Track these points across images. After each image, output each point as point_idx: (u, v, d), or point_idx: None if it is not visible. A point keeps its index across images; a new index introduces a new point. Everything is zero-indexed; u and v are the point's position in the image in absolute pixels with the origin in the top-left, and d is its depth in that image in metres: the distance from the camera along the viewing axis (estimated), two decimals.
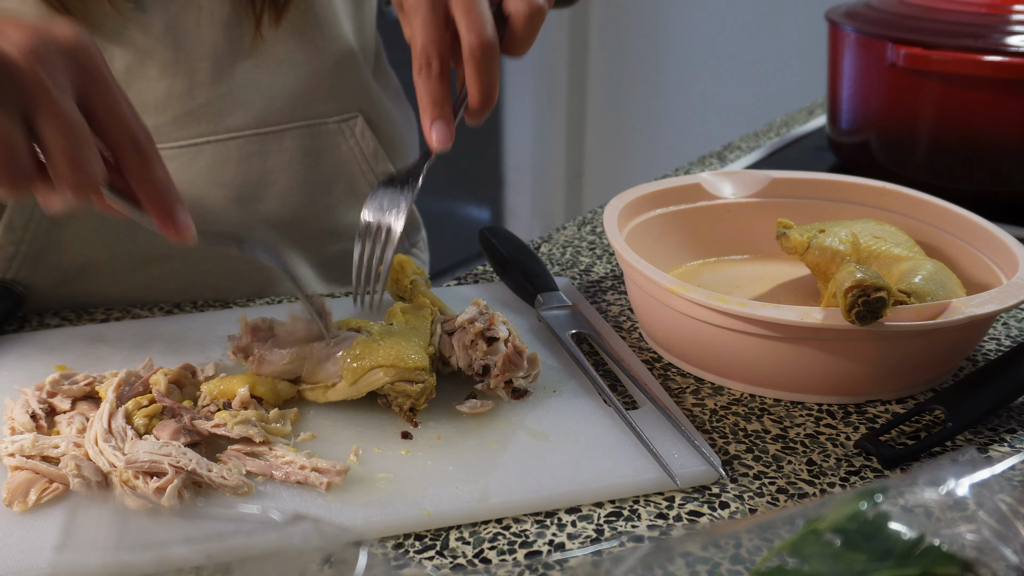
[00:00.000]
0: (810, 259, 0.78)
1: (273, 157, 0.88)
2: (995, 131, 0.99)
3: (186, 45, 0.81)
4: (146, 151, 0.57)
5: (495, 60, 0.65)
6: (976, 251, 0.78)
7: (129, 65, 0.80)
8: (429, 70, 0.64)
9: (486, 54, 0.64)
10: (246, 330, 0.70)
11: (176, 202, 0.59)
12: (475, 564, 0.55)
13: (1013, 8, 0.99)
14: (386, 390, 0.65)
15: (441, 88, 0.65)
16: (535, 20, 0.66)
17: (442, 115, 0.65)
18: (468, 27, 0.64)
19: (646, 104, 2.93)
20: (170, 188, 0.58)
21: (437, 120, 0.65)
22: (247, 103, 0.85)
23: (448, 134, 0.65)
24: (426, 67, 0.64)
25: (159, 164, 0.58)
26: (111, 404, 0.62)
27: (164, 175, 0.58)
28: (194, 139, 0.84)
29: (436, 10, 0.65)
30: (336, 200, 0.93)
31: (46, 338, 0.77)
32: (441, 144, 0.65)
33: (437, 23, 0.64)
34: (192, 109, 0.83)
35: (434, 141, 0.65)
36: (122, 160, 0.57)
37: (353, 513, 0.57)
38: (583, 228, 1.03)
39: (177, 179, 0.81)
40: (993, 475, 0.47)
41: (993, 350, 0.78)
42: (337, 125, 0.91)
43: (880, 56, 1.03)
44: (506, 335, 0.69)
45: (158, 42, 0.80)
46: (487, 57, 0.64)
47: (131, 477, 0.58)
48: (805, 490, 0.61)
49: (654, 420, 0.66)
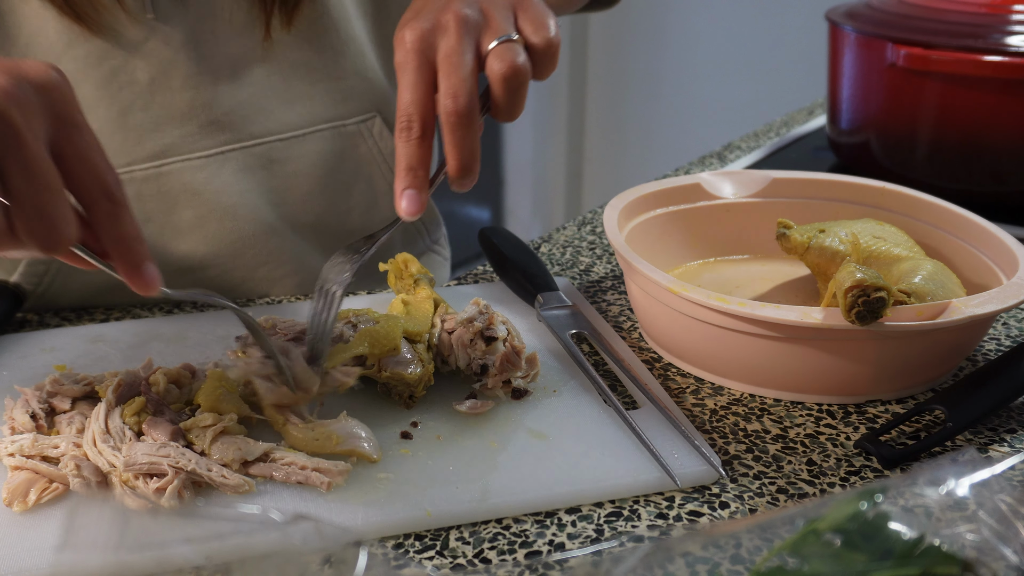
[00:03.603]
0: (810, 259, 0.78)
1: (295, 161, 0.88)
2: (995, 131, 0.99)
3: (207, 54, 0.81)
4: (118, 201, 0.52)
5: (471, 128, 0.61)
6: (976, 251, 0.78)
7: (153, 77, 0.80)
8: (408, 133, 0.62)
9: (461, 121, 0.61)
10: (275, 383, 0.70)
11: (144, 255, 0.54)
12: (475, 564, 0.55)
13: (1013, 8, 0.99)
14: (383, 378, 0.65)
15: (418, 153, 0.62)
16: (512, 83, 0.62)
17: (414, 184, 0.62)
18: (445, 91, 0.61)
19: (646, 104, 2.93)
20: (139, 239, 0.54)
21: (408, 189, 0.62)
22: (268, 109, 0.86)
23: (418, 204, 0.62)
24: (406, 130, 0.62)
25: (129, 215, 0.53)
26: (107, 404, 0.62)
27: (133, 226, 0.53)
28: (220, 147, 0.84)
29: (422, 69, 0.62)
30: (356, 202, 0.93)
31: (46, 338, 0.77)
32: (409, 214, 0.62)
33: (422, 83, 0.62)
34: (216, 117, 0.83)
35: (402, 210, 0.62)
36: (93, 210, 0.52)
37: (353, 513, 0.57)
38: (583, 228, 1.03)
39: (206, 189, 0.84)
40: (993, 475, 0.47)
41: (993, 350, 0.78)
42: (356, 127, 0.91)
43: (880, 56, 1.03)
44: (505, 335, 0.69)
45: (179, 53, 0.80)
46: (462, 124, 0.61)
47: (131, 478, 0.58)
48: (805, 490, 0.61)
49: (654, 420, 0.66)
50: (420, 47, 0.62)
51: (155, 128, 0.82)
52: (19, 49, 0.77)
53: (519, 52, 0.63)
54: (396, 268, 0.79)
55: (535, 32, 0.64)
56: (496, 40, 0.63)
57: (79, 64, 0.78)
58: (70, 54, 0.78)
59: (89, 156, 0.52)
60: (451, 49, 0.62)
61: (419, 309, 0.72)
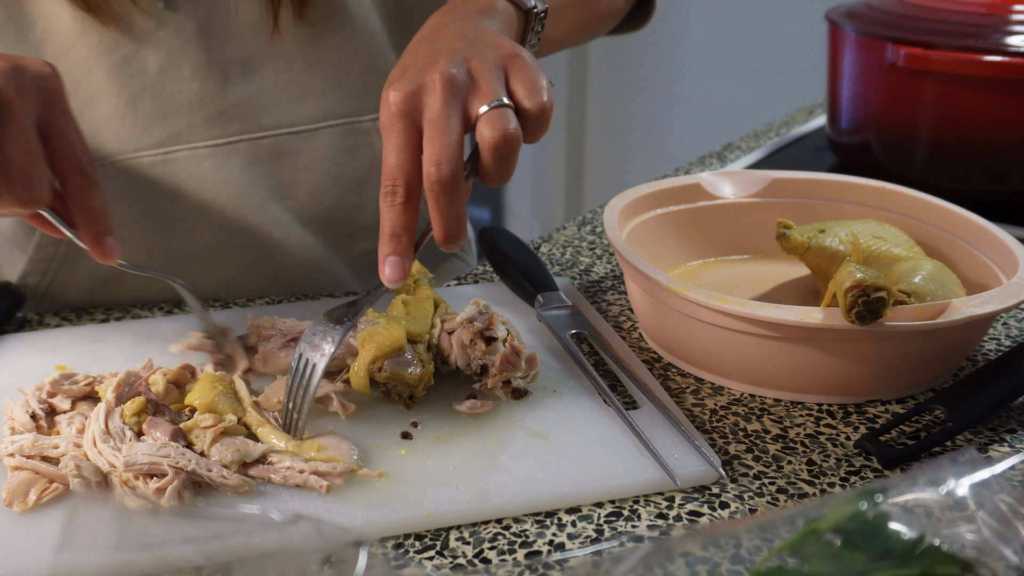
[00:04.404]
0: (810, 259, 0.78)
1: (305, 155, 0.88)
2: (995, 131, 0.99)
3: (217, 45, 0.82)
4: (89, 178, 0.62)
5: (455, 195, 0.60)
6: (976, 251, 0.78)
7: (163, 66, 0.81)
8: (393, 198, 0.61)
9: (445, 189, 0.59)
10: (252, 329, 0.72)
11: (106, 228, 0.63)
12: (475, 564, 0.55)
13: (1013, 8, 0.99)
14: (383, 379, 0.65)
15: (402, 219, 0.61)
16: (503, 151, 0.61)
17: (397, 251, 0.61)
18: (429, 159, 0.60)
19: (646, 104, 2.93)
20: (103, 214, 0.63)
21: (391, 256, 0.61)
22: (279, 102, 0.86)
23: (400, 271, 0.61)
24: (390, 195, 0.61)
25: (97, 192, 0.62)
26: (107, 404, 0.62)
27: (100, 202, 0.63)
28: (227, 138, 0.85)
29: (407, 132, 0.61)
30: (368, 198, 0.93)
31: (46, 338, 0.77)
32: (391, 282, 0.61)
33: (407, 147, 0.61)
34: (225, 108, 0.84)
35: (385, 277, 0.61)
36: (66, 184, 0.62)
37: (353, 513, 0.57)
38: (583, 228, 1.03)
39: (212, 178, 0.84)
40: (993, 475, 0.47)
41: (993, 350, 0.78)
42: (371, 123, 0.90)
43: (880, 56, 1.03)
44: (505, 335, 0.69)
45: (190, 43, 0.81)
46: (446, 192, 0.60)
47: (131, 478, 0.58)
48: (805, 490, 0.61)
49: (654, 420, 0.66)
50: (405, 109, 0.61)
51: (163, 116, 0.83)
52: (37, 35, 0.79)
53: (510, 119, 0.61)
54: None
55: (528, 96, 0.62)
56: (487, 105, 0.61)
57: (91, 51, 0.79)
58: (83, 41, 0.79)
59: (69, 138, 0.61)
60: (436, 113, 0.60)
61: (419, 309, 0.72)
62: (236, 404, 0.64)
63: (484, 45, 0.64)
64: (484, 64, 0.63)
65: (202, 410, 0.63)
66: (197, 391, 0.64)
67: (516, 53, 0.64)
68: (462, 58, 0.63)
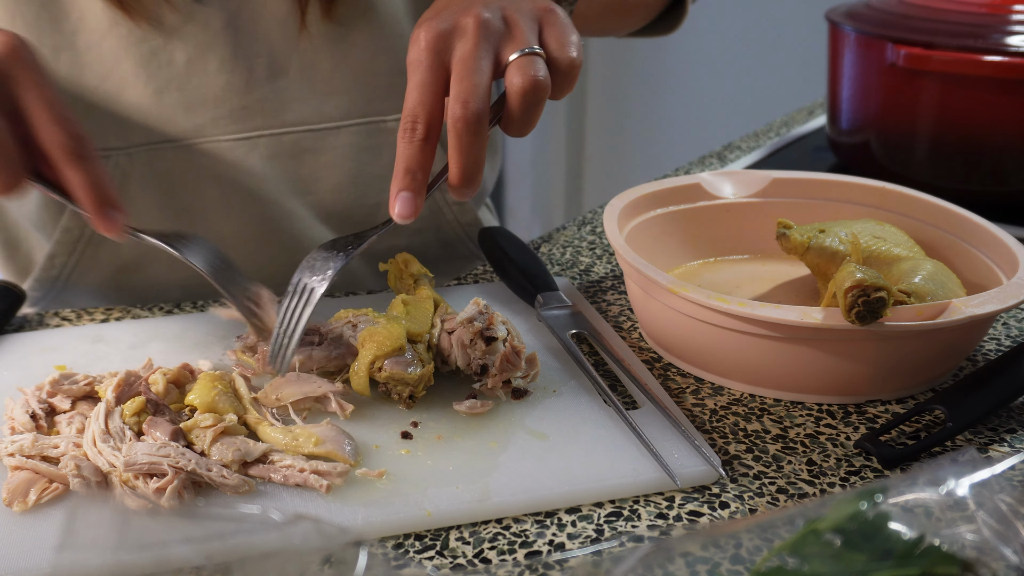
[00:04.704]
0: (810, 259, 0.78)
1: (327, 153, 0.89)
2: (995, 131, 0.99)
3: (244, 40, 0.83)
4: (72, 152, 0.60)
5: (478, 136, 0.60)
6: (976, 251, 0.78)
7: (190, 58, 0.82)
8: (412, 135, 0.60)
9: (469, 128, 0.59)
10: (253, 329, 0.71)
11: (104, 200, 0.61)
12: (475, 564, 0.55)
13: (1013, 8, 0.99)
14: (383, 378, 0.65)
15: (419, 156, 0.61)
16: (531, 97, 0.61)
17: (411, 186, 0.61)
18: (456, 96, 0.59)
19: (646, 104, 2.93)
20: (97, 185, 0.61)
21: (404, 191, 0.61)
22: (303, 99, 0.86)
23: (412, 208, 0.61)
24: (409, 131, 0.60)
25: (86, 163, 0.60)
26: (107, 404, 0.62)
27: (92, 174, 0.61)
28: (250, 132, 0.85)
29: (435, 70, 0.61)
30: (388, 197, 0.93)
31: (46, 338, 0.77)
32: (402, 218, 0.61)
33: (433, 84, 0.61)
34: (248, 103, 0.84)
35: (395, 212, 0.61)
36: (51, 158, 0.60)
37: (353, 513, 0.57)
38: (583, 228, 1.03)
39: (233, 171, 0.86)
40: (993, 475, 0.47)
41: (993, 350, 0.78)
42: (395, 123, 0.90)
43: (880, 56, 1.03)
44: (505, 335, 0.69)
45: (217, 37, 0.82)
46: (469, 131, 0.59)
47: (131, 478, 0.58)
48: (805, 490, 0.61)
49: (654, 420, 0.66)
50: (435, 47, 0.61)
51: (188, 108, 0.84)
52: (70, 24, 0.80)
53: (541, 66, 0.61)
54: (396, 268, 0.79)
55: (559, 48, 0.62)
56: (519, 51, 0.61)
57: (121, 43, 0.80)
58: (113, 33, 0.80)
59: (44, 115, 0.60)
60: (468, 53, 0.60)
61: (419, 309, 0.72)
62: (236, 403, 0.64)
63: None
64: (519, 13, 0.63)
65: (202, 410, 0.63)
66: (197, 391, 0.64)
67: (551, 8, 0.65)
68: (498, 5, 0.63)
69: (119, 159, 0.84)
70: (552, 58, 0.63)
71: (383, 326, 0.67)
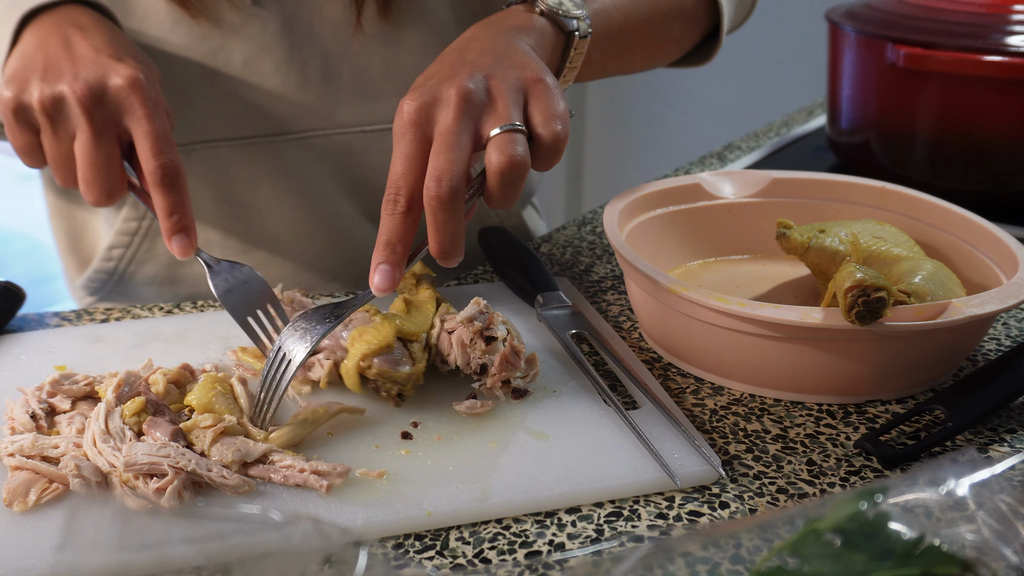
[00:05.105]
0: (810, 259, 0.78)
1: (377, 154, 0.90)
2: (995, 131, 0.99)
3: (299, 43, 0.84)
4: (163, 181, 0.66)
5: (453, 213, 0.60)
6: (976, 251, 0.78)
7: (247, 60, 0.84)
8: (393, 206, 0.61)
9: (443, 205, 0.59)
10: None
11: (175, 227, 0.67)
12: (475, 564, 0.55)
13: (1013, 8, 0.99)
14: (372, 375, 0.66)
15: (400, 229, 0.61)
16: (508, 176, 0.60)
17: (390, 260, 0.61)
18: (431, 173, 0.59)
19: (646, 104, 2.93)
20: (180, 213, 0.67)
21: (383, 264, 0.61)
22: (354, 101, 0.87)
23: (390, 281, 0.61)
24: (391, 203, 0.61)
25: (173, 193, 0.66)
26: (107, 404, 0.62)
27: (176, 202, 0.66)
28: (302, 132, 0.87)
29: (416, 143, 0.61)
30: None
31: (46, 338, 0.77)
32: (380, 291, 0.61)
33: (415, 157, 0.61)
34: (302, 104, 0.86)
35: (374, 285, 0.61)
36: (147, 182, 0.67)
37: (353, 513, 0.57)
38: (583, 228, 1.03)
39: (286, 170, 0.88)
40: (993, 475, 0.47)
41: (993, 350, 0.78)
42: None
43: (880, 56, 1.03)
44: (504, 335, 0.69)
45: (273, 39, 0.83)
46: (444, 209, 0.59)
47: (131, 478, 0.58)
48: (805, 490, 0.61)
49: (654, 420, 0.66)
50: (418, 119, 0.61)
51: (244, 108, 0.85)
52: (135, 22, 0.82)
53: (520, 144, 0.61)
54: None
55: (543, 124, 0.62)
56: (499, 128, 0.61)
57: (183, 42, 0.82)
58: (176, 32, 0.82)
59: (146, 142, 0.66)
60: (447, 128, 0.60)
61: (420, 309, 0.72)
62: (233, 405, 0.64)
63: (510, 64, 0.64)
64: (505, 84, 0.62)
65: (199, 410, 0.63)
66: (196, 391, 0.64)
67: (540, 78, 0.64)
68: (484, 75, 0.62)
69: None
70: (536, 133, 0.62)
71: (375, 324, 0.67)
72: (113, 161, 0.67)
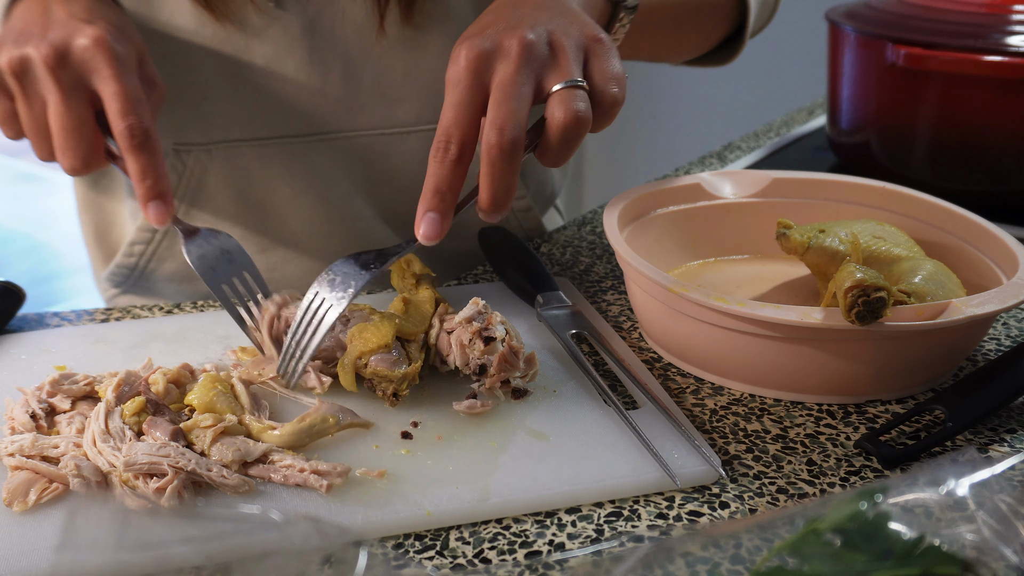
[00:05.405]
0: (810, 259, 0.78)
1: (396, 157, 0.90)
2: (995, 131, 0.99)
3: (321, 45, 0.84)
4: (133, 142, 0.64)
5: (511, 164, 0.58)
6: (976, 251, 0.78)
7: (268, 61, 0.84)
8: (444, 154, 0.59)
9: (503, 155, 0.58)
10: None
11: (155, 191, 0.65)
12: (475, 564, 0.55)
13: (1013, 8, 0.99)
14: (368, 374, 0.66)
15: (450, 176, 0.59)
16: (571, 132, 0.59)
17: (438, 207, 0.60)
18: (492, 121, 0.58)
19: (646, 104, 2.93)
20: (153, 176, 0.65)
21: (431, 212, 0.60)
22: (374, 104, 0.88)
23: (437, 229, 0.60)
24: (442, 150, 0.59)
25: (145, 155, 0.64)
26: (107, 404, 0.62)
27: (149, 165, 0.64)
28: (322, 134, 0.88)
29: (473, 91, 0.59)
30: None
31: (46, 338, 0.77)
32: (427, 239, 0.60)
33: (470, 105, 0.59)
34: (322, 106, 0.86)
35: (420, 233, 0.60)
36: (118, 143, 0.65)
37: (353, 513, 0.57)
38: (583, 228, 1.03)
39: (305, 170, 0.88)
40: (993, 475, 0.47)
41: (993, 350, 0.78)
42: None
43: (880, 56, 1.03)
44: (503, 335, 0.69)
45: (295, 41, 0.83)
46: (503, 159, 0.58)
47: (131, 478, 0.58)
48: (805, 490, 0.61)
49: (654, 420, 0.66)
50: (476, 67, 0.60)
51: (265, 109, 0.86)
52: (160, 25, 0.82)
53: (584, 101, 0.59)
54: (398, 267, 0.79)
55: (603, 83, 0.61)
56: (562, 83, 0.59)
57: (206, 43, 0.83)
58: (200, 33, 0.82)
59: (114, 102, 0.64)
60: (508, 77, 0.59)
61: (418, 308, 0.72)
62: (235, 404, 0.64)
63: (569, 21, 0.63)
64: (567, 39, 0.61)
65: (200, 410, 0.63)
66: (197, 391, 0.64)
67: (599, 37, 0.62)
68: (545, 28, 0.61)
69: (199, 154, 0.87)
70: (595, 92, 0.61)
71: (373, 323, 0.67)
72: (86, 123, 0.65)
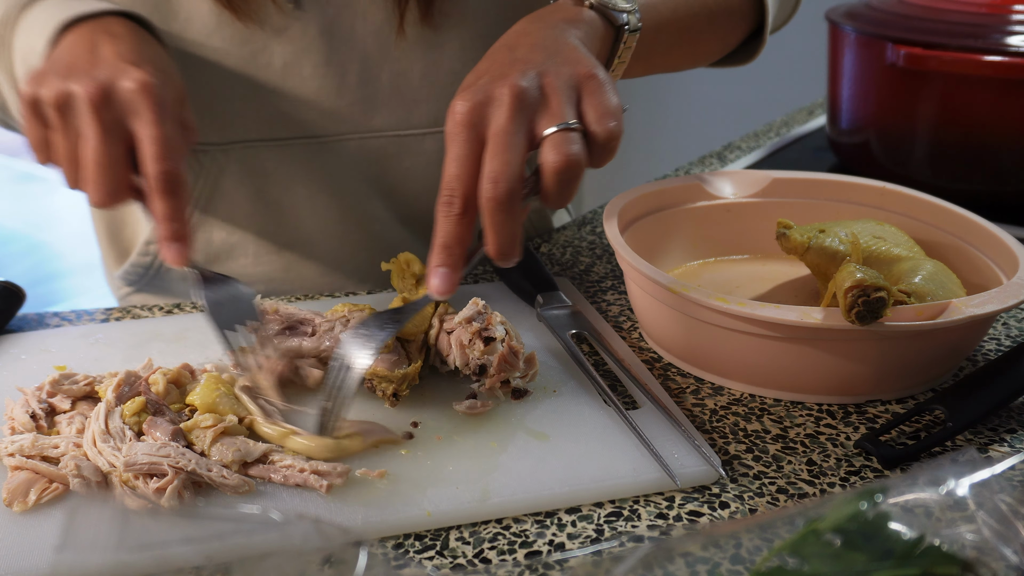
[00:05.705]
0: (810, 259, 0.78)
1: (412, 158, 0.90)
2: (995, 131, 0.99)
3: (339, 47, 0.84)
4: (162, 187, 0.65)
5: (510, 214, 0.59)
6: (976, 251, 0.78)
7: (286, 62, 0.84)
8: (449, 209, 0.59)
9: (500, 207, 0.58)
10: None
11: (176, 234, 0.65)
12: (475, 564, 0.55)
13: (1013, 8, 0.99)
14: (367, 375, 0.66)
15: (457, 231, 0.59)
16: (564, 175, 0.59)
17: (448, 262, 0.60)
18: (487, 175, 0.58)
19: (646, 104, 2.93)
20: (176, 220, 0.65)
21: (441, 267, 0.60)
22: (391, 106, 0.88)
23: (449, 284, 0.60)
24: (447, 205, 0.59)
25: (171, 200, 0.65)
26: (107, 404, 0.62)
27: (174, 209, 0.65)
28: (338, 135, 0.88)
29: (470, 143, 0.60)
30: None
31: (46, 338, 0.77)
32: (439, 293, 0.60)
33: (468, 158, 0.60)
34: (339, 107, 0.86)
35: (432, 288, 0.60)
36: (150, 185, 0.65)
37: (353, 513, 0.57)
38: (583, 228, 1.03)
39: (321, 171, 0.89)
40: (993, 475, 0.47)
41: (993, 350, 0.78)
42: None
43: (880, 56, 1.03)
44: (503, 335, 0.69)
45: (314, 42, 0.84)
46: (501, 210, 0.58)
47: (131, 478, 0.58)
48: (805, 490, 0.61)
49: (654, 420, 0.66)
50: (471, 120, 0.60)
51: (282, 110, 0.86)
52: (179, 24, 0.82)
53: (576, 143, 0.60)
54: (398, 268, 0.79)
55: (597, 121, 0.61)
56: (554, 127, 0.60)
57: (225, 44, 0.83)
58: (219, 33, 0.82)
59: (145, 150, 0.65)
60: (501, 128, 0.59)
61: (420, 314, 0.72)
62: (237, 405, 0.64)
63: (562, 60, 0.63)
64: (558, 80, 0.61)
65: (202, 410, 0.63)
66: (200, 391, 0.64)
67: (592, 73, 0.63)
68: (536, 72, 0.62)
69: (216, 154, 0.87)
70: (591, 131, 0.61)
71: None
72: (118, 163, 0.66)
